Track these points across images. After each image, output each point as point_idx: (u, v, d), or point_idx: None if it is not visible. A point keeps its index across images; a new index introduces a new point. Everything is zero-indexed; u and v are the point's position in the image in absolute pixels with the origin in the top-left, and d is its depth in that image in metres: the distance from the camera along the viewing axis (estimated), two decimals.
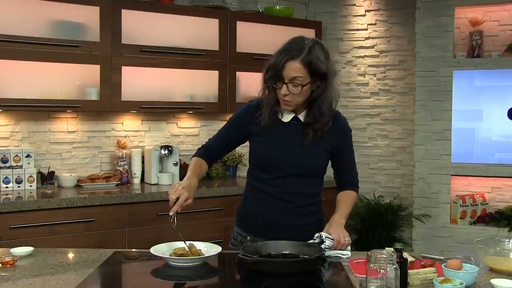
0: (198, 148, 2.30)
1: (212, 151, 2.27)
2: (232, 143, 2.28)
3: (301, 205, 2.14)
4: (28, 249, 2.04)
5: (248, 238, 2.10)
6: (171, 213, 1.96)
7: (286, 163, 2.09)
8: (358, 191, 2.29)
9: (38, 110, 3.61)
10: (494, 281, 1.70)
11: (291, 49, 1.96)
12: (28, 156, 3.61)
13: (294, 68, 1.95)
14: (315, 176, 2.17)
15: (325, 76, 1.99)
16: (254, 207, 2.18)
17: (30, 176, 3.59)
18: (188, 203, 1.98)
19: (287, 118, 2.11)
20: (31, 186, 3.59)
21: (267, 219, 2.12)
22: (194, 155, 2.26)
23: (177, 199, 1.96)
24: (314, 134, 2.07)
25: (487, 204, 4.41)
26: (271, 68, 2.00)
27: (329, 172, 2.27)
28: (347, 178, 2.26)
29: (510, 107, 4.24)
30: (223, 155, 2.38)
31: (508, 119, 4.24)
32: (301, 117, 2.11)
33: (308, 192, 2.16)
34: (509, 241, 2.01)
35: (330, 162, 2.21)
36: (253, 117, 2.13)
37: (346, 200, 2.21)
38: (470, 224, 4.33)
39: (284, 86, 1.98)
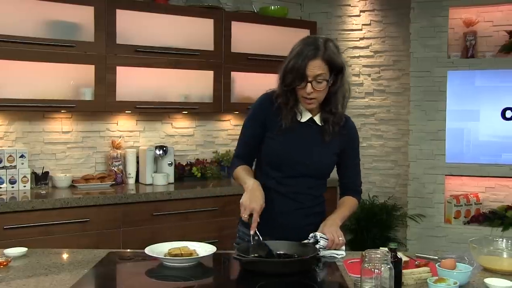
0: (233, 161, 2.26)
1: (246, 159, 2.23)
2: (259, 140, 2.19)
3: (309, 205, 2.16)
4: (22, 249, 2.03)
5: (256, 238, 2.09)
6: (252, 232, 1.94)
7: (300, 163, 2.11)
8: (360, 200, 2.30)
9: (32, 110, 3.60)
10: (488, 280, 1.71)
11: (309, 49, 1.99)
12: (22, 156, 3.60)
13: (317, 66, 1.98)
14: (323, 178, 2.21)
15: (341, 70, 2.04)
16: (264, 207, 2.17)
17: (24, 177, 3.58)
18: (262, 208, 1.97)
19: (304, 118, 2.13)
20: (25, 186, 3.57)
21: (277, 219, 2.12)
22: (233, 168, 2.21)
23: (250, 215, 1.94)
24: (333, 130, 2.11)
25: (481, 204, 4.43)
26: (292, 71, 2.00)
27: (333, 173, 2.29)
28: (352, 185, 2.28)
29: (504, 107, 4.26)
30: (254, 158, 2.28)
31: (502, 119, 4.26)
32: (317, 119, 2.13)
33: (316, 193, 2.19)
34: (502, 240, 2.03)
35: (335, 166, 2.24)
36: (273, 112, 2.12)
37: (346, 205, 2.22)
38: (464, 224, 4.34)
39: (309, 84, 2.00)
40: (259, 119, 2.16)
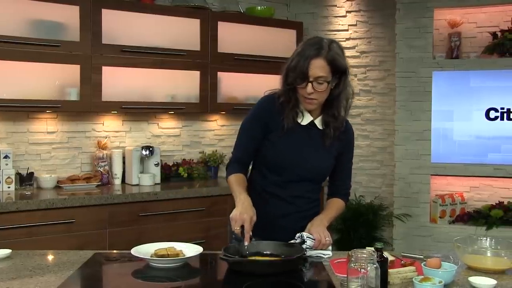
0: (228, 166, 2.20)
1: (244, 162, 2.19)
2: (258, 144, 2.16)
3: (306, 208, 2.16)
4: (6, 251, 2.01)
5: (253, 239, 2.08)
6: (246, 243, 1.91)
7: (300, 167, 2.10)
8: (347, 203, 2.31)
9: (17, 110, 3.56)
10: (472, 279, 1.72)
11: (312, 49, 1.98)
12: (6, 157, 3.56)
13: (319, 66, 1.97)
14: (321, 181, 2.22)
15: (344, 72, 2.02)
16: (259, 209, 2.10)
17: (8, 177, 3.54)
18: (254, 221, 1.94)
19: (305, 121, 2.12)
20: (9, 187, 3.53)
21: (273, 222, 2.12)
22: (229, 174, 2.15)
23: (242, 227, 1.92)
24: (334, 134, 2.10)
25: (465, 203, 4.47)
26: (294, 70, 2.00)
27: None
28: (341, 186, 2.28)
29: (488, 108, 4.30)
30: (252, 159, 2.23)
31: (486, 120, 4.31)
32: (317, 122, 2.12)
33: (313, 197, 2.19)
34: (486, 239, 2.04)
35: None
36: (274, 114, 2.10)
37: (333, 207, 2.22)
38: (449, 223, 4.38)
39: (310, 84, 1.98)
40: (260, 120, 2.13)
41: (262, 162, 2.17)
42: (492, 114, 4.29)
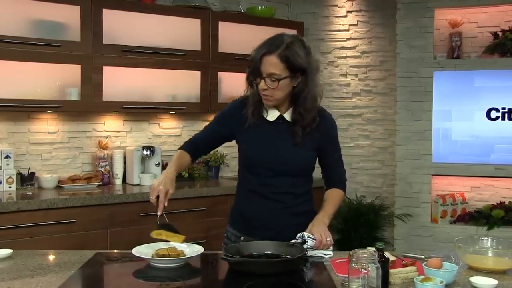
0: (185, 142, 2.28)
1: (198, 147, 2.25)
2: (217, 140, 2.27)
3: (292, 204, 2.14)
4: (7, 251, 2.01)
5: (242, 238, 2.10)
6: (159, 213, 1.99)
7: (274, 162, 2.09)
8: (345, 189, 2.28)
9: (18, 110, 3.56)
10: (473, 279, 1.72)
11: (269, 44, 1.99)
12: (7, 157, 3.56)
13: (271, 63, 1.96)
14: (303, 175, 2.17)
15: (305, 71, 2.00)
16: (246, 208, 2.18)
17: (10, 177, 3.54)
18: (170, 194, 2.01)
19: (272, 117, 2.11)
20: (10, 187, 3.54)
21: (260, 220, 2.12)
22: (180, 148, 2.25)
23: (158, 197, 1.97)
24: (303, 131, 2.08)
25: (466, 203, 4.47)
26: (250, 65, 2.02)
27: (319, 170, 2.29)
28: (335, 176, 2.26)
29: (489, 108, 4.30)
30: (208, 151, 2.35)
31: (487, 120, 4.30)
32: (287, 115, 2.11)
33: (298, 191, 2.16)
34: (487, 239, 2.04)
35: (317, 160, 2.22)
36: (240, 115, 2.13)
37: (332, 199, 2.20)
38: (450, 223, 4.38)
39: (262, 81, 1.99)
40: (224, 121, 2.20)
41: (242, 164, 2.21)
42: (493, 114, 4.28)
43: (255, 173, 2.12)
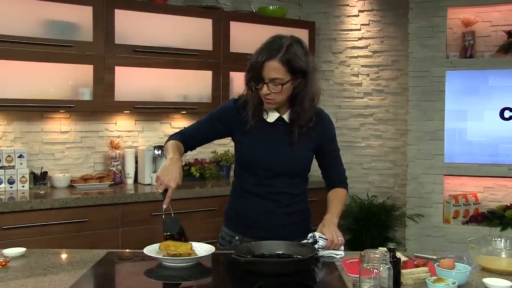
0: (173, 134, 2.22)
1: (188, 140, 2.21)
2: (211, 137, 2.25)
3: (287, 204, 2.14)
4: (21, 250, 2.03)
5: (237, 238, 2.11)
6: (164, 206, 1.97)
7: (273, 163, 2.10)
8: (347, 188, 2.29)
9: (31, 110, 3.60)
10: (486, 280, 1.71)
11: (270, 49, 1.98)
12: (20, 156, 3.60)
13: (274, 68, 1.96)
14: (300, 175, 2.18)
15: (305, 73, 2.00)
16: (241, 208, 2.19)
17: (23, 177, 3.57)
18: (179, 185, 1.98)
19: (272, 118, 2.12)
20: (23, 186, 3.57)
21: (255, 220, 2.13)
22: (169, 139, 2.18)
23: (165, 190, 1.96)
24: (300, 131, 2.08)
25: (479, 203, 4.43)
26: (251, 69, 2.01)
27: (318, 172, 2.29)
28: (335, 175, 2.26)
29: (502, 107, 4.26)
30: (194, 148, 2.28)
31: (501, 119, 4.27)
32: (286, 116, 2.11)
33: (295, 192, 2.16)
34: (501, 240, 2.03)
35: (316, 161, 2.23)
36: (240, 116, 2.12)
37: (336, 199, 2.21)
38: (463, 224, 4.35)
39: (265, 86, 1.98)
40: (222, 118, 2.16)
41: (237, 163, 2.21)
42: (507, 113, 4.24)
43: (254, 173, 2.12)
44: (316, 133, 2.13)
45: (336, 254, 2.00)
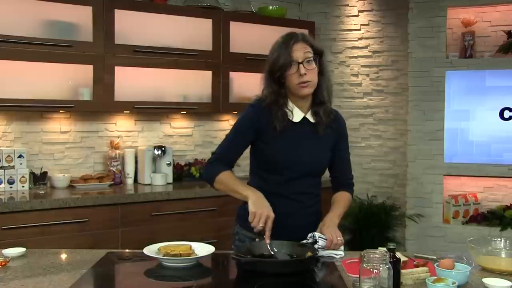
0: (212, 163, 2.19)
1: (229, 161, 2.19)
2: (244, 148, 2.21)
3: (309, 204, 2.17)
4: (21, 250, 2.03)
5: (257, 239, 2.07)
6: (268, 241, 1.93)
7: (301, 164, 2.11)
8: (353, 193, 2.31)
9: (31, 110, 3.60)
10: (486, 280, 1.71)
11: (290, 37, 2.08)
12: (20, 156, 3.59)
13: (302, 48, 2.06)
14: (320, 175, 2.23)
15: (321, 55, 2.11)
16: None
17: (23, 177, 3.57)
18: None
19: (297, 118, 2.13)
20: (23, 186, 3.57)
21: (278, 221, 2.10)
22: (217, 172, 2.14)
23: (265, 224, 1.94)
24: (324, 129, 2.13)
25: (479, 203, 4.43)
26: (278, 61, 2.05)
27: (326, 172, 2.29)
28: (343, 179, 2.28)
29: (502, 107, 4.26)
30: (236, 160, 2.25)
31: (500, 120, 4.27)
32: (309, 116, 2.15)
33: (316, 191, 2.20)
34: (500, 240, 2.03)
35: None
36: (264, 119, 2.11)
37: (341, 201, 2.22)
38: (463, 224, 4.35)
39: (301, 65, 2.03)
40: (252, 124, 2.13)
41: (260, 166, 2.18)
42: (506, 114, 4.25)
43: (280, 174, 2.12)
44: (333, 132, 2.19)
45: (336, 254, 2.00)
